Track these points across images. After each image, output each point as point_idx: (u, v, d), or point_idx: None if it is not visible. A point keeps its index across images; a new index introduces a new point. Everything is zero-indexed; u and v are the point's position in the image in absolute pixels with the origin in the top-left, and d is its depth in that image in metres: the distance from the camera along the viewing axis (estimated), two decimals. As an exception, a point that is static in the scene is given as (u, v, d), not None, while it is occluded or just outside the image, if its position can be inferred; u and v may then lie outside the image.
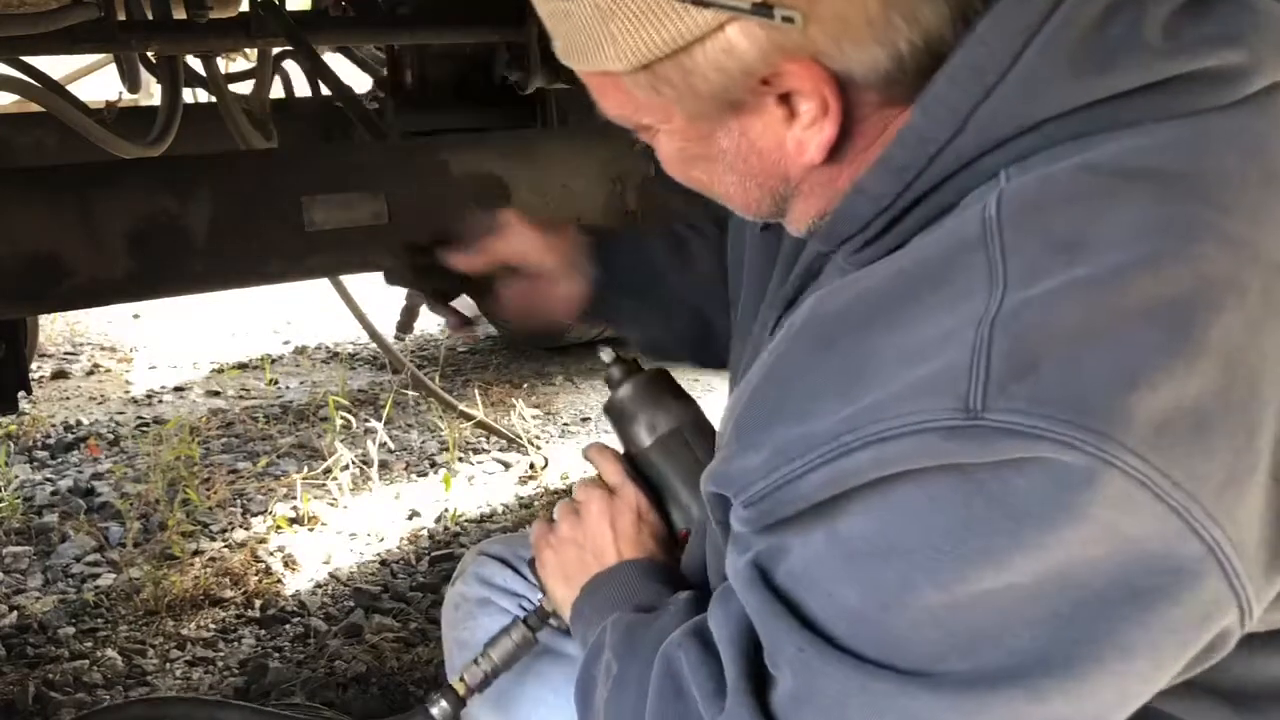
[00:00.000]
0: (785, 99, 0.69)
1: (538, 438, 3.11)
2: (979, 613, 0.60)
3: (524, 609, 1.19)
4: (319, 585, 2.34)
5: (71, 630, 2.15)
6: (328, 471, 2.79)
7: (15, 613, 2.22)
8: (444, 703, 1.07)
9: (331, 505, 2.69)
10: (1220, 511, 0.58)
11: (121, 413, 3.47)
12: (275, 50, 2.66)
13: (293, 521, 2.60)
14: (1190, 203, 0.62)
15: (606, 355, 1.13)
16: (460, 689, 1.08)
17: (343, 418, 3.14)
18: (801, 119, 0.69)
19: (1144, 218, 0.61)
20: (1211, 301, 0.59)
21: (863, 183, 0.70)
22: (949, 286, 0.63)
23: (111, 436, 3.23)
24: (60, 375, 3.87)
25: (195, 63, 2.60)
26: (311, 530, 2.58)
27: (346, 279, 2.89)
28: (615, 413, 1.12)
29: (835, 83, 0.67)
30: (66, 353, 4.14)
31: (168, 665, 2.04)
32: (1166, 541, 0.58)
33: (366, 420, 3.17)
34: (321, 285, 2.80)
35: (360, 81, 3.10)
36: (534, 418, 3.23)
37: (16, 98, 2.44)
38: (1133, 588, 0.59)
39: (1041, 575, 0.59)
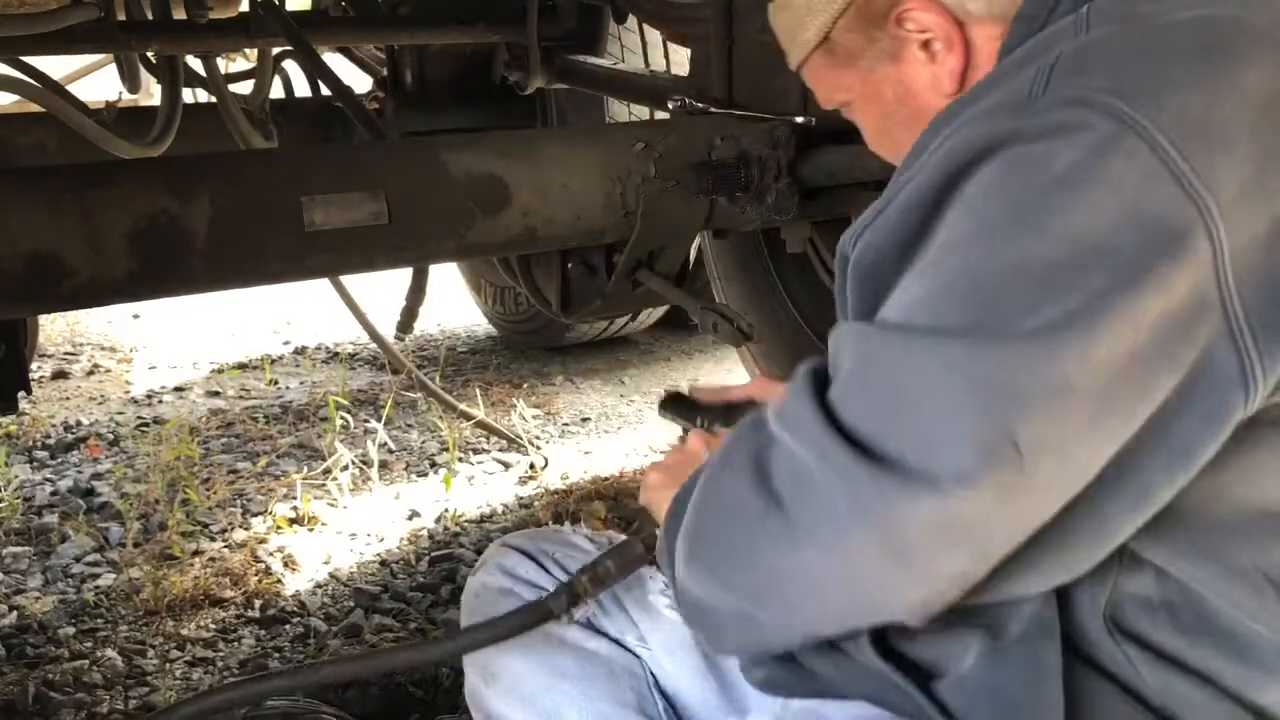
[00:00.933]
0: (926, 45, 0.91)
1: (538, 438, 3.11)
2: (1012, 276, 0.70)
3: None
4: (319, 585, 2.34)
5: (71, 630, 2.15)
6: (328, 472, 2.79)
7: (15, 613, 2.22)
8: (564, 598, 1.10)
9: (331, 505, 2.69)
10: (1230, 218, 0.67)
11: (121, 413, 3.47)
12: (275, 50, 2.66)
13: (293, 522, 2.60)
14: None
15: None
16: (581, 588, 1.10)
17: (343, 418, 3.14)
18: (938, 57, 0.91)
19: None
20: (1251, 46, 0.73)
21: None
22: (1042, 56, 0.79)
23: (111, 436, 3.23)
24: (60, 375, 3.87)
25: (195, 63, 2.60)
26: (311, 530, 2.58)
27: (346, 279, 2.89)
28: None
29: (953, 18, 0.89)
30: (66, 353, 4.14)
31: (168, 665, 2.04)
32: (1176, 219, 0.67)
33: (366, 420, 3.17)
34: (321, 285, 2.80)
35: (360, 81, 3.10)
36: (534, 418, 3.23)
37: (16, 98, 2.44)
38: (1140, 259, 0.67)
39: (1066, 236, 0.68)
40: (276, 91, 2.83)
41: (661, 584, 1.16)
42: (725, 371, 3.67)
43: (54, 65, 3.11)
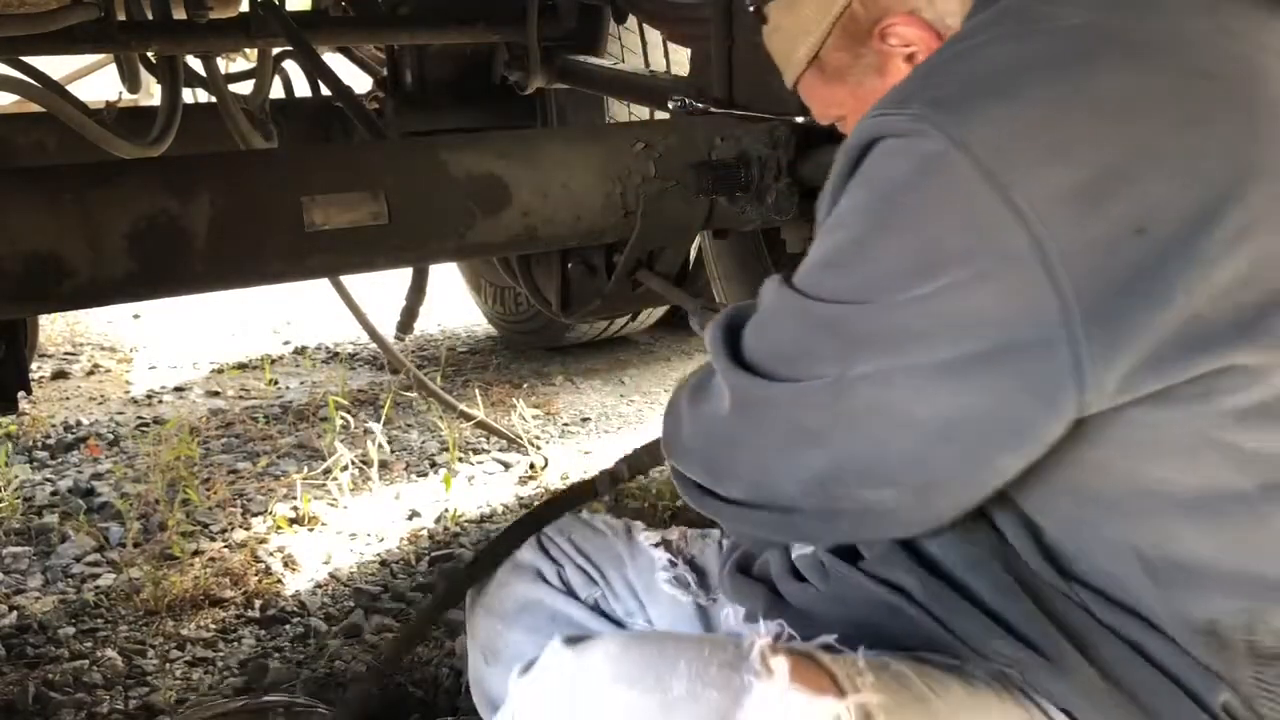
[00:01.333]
0: (909, 58, 0.97)
1: (538, 438, 3.11)
2: (856, 264, 0.83)
3: (561, 578, 1.26)
4: (319, 585, 2.34)
5: (71, 630, 2.15)
6: (328, 472, 2.79)
7: (15, 613, 2.22)
8: (607, 479, 1.40)
9: (331, 505, 2.69)
10: (1058, 223, 0.73)
11: (121, 413, 3.47)
12: (275, 50, 2.66)
13: (293, 522, 2.60)
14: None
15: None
16: (620, 473, 1.40)
17: (343, 418, 3.14)
18: (916, 60, 0.97)
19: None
20: (1115, 56, 0.78)
21: None
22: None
23: (111, 436, 3.23)
24: (60, 375, 3.87)
25: (195, 63, 2.60)
26: (311, 530, 2.58)
27: (346, 279, 2.89)
28: None
29: (934, 31, 0.95)
30: (66, 353, 4.14)
31: (168, 665, 2.04)
32: (997, 225, 0.74)
33: (366, 420, 3.17)
34: (321, 285, 2.79)
35: (360, 81, 3.10)
36: (534, 418, 3.23)
37: (16, 98, 2.44)
38: (966, 259, 0.76)
39: (905, 234, 0.79)
40: (276, 91, 2.83)
41: (666, 562, 1.22)
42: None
43: (54, 65, 3.11)
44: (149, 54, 2.54)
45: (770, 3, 1.04)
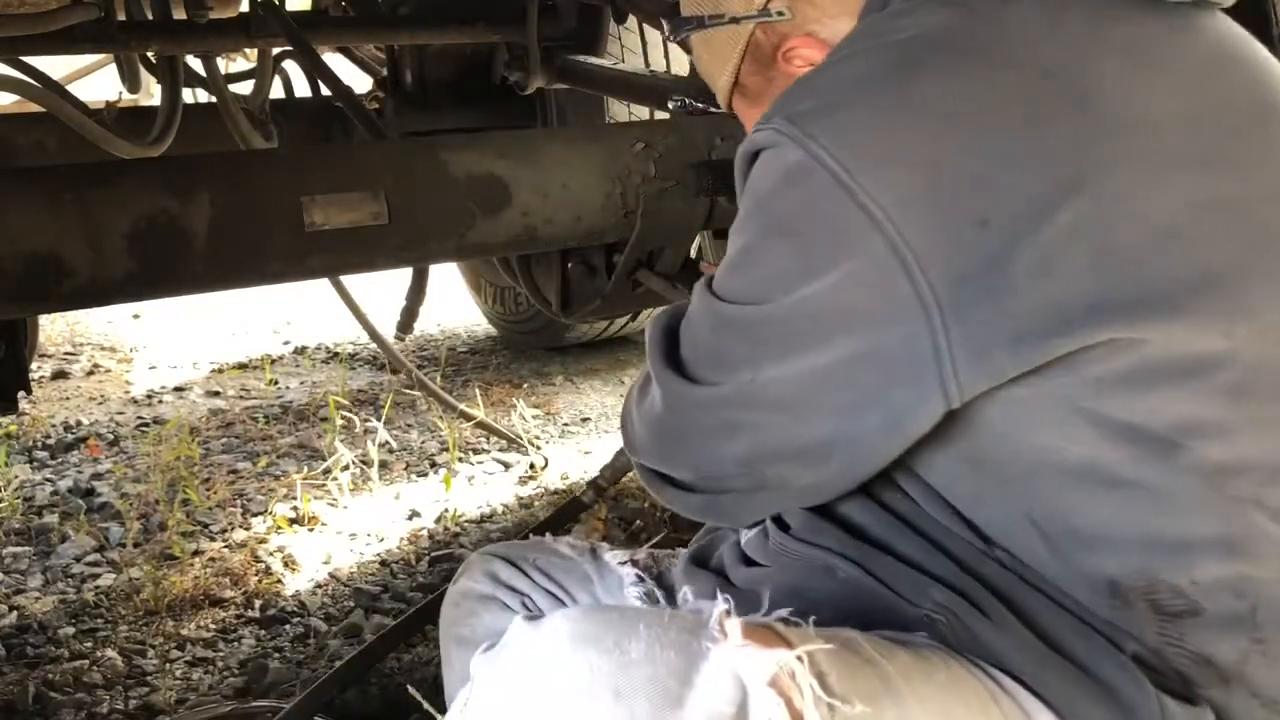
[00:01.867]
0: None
1: (538, 438, 3.11)
2: (748, 267, 0.90)
3: (526, 607, 1.22)
4: (319, 585, 2.34)
5: (71, 630, 2.15)
6: (328, 471, 2.79)
7: (15, 613, 2.22)
8: (591, 492, 1.58)
9: (331, 505, 2.69)
10: (909, 220, 0.78)
11: (121, 413, 3.47)
12: (275, 50, 2.66)
13: (293, 522, 2.60)
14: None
15: None
16: (604, 481, 1.61)
17: (343, 418, 3.14)
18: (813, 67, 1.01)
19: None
20: (948, 60, 0.84)
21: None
22: None
23: (111, 436, 3.23)
24: (60, 375, 3.87)
25: (195, 63, 2.60)
26: (311, 530, 2.58)
27: (346, 279, 2.89)
28: None
29: (829, 46, 1.00)
30: (66, 353, 4.14)
31: (168, 665, 2.04)
32: (852, 225, 0.80)
33: (366, 420, 3.17)
34: (321, 285, 2.80)
35: (360, 81, 3.10)
36: (534, 418, 3.23)
37: (16, 98, 2.44)
38: (826, 256, 0.82)
39: (774, 236, 0.87)
40: (276, 91, 2.83)
41: (634, 577, 1.22)
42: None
43: (54, 65, 3.11)
44: (149, 54, 2.54)
45: (691, 36, 1.13)
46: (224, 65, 3.01)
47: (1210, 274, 0.81)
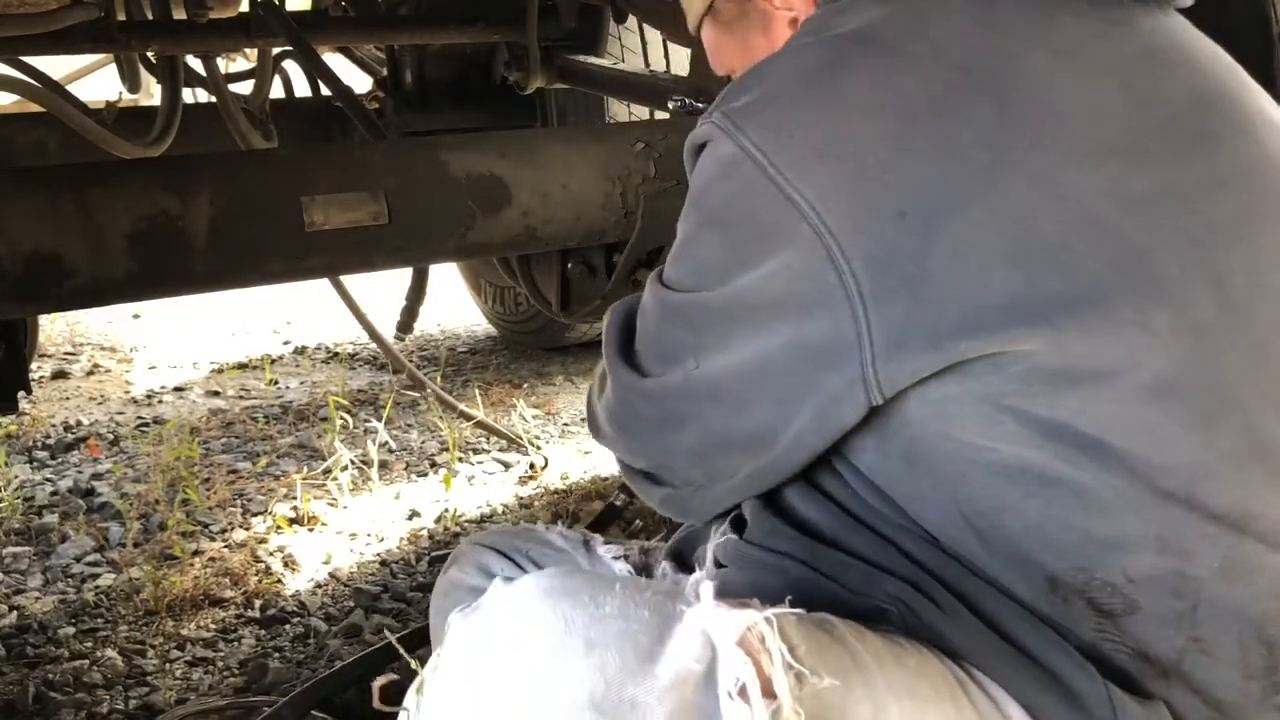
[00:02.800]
0: (793, 23, 1.03)
1: (538, 438, 3.11)
2: (687, 257, 0.93)
3: None
4: (319, 585, 2.34)
5: (71, 630, 2.15)
6: (328, 471, 2.79)
7: (15, 613, 2.22)
8: (623, 495, 1.63)
9: (331, 505, 2.69)
10: (833, 210, 0.80)
11: (121, 413, 3.47)
12: (275, 50, 2.66)
13: (293, 521, 2.60)
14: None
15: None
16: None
17: (343, 418, 3.14)
18: (797, 26, 1.01)
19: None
20: (870, 58, 0.86)
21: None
22: None
23: (111, 436, 3.23)
24: (60, 375, 3.87)
25: (195, 63, 2.60)
26: (311, 530, 2.58)
27: (346, 279, 2.89)
28: None
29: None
30: (66, 353, 4.14)
31: (168, 665, 2.04)
32: (779, 215, 0.82)
33: (366, 420, 3.17)
34: (321, 285, 2.80)
35: (360, 81, 3.10)
36: (534, 418, 3.23)
37: (16, 98, 2.44)
38: (756, 246, 0.85)
39: (711, 228, 0.90)
40: (276, 91, 2.83)
41: (628, 572, 1.23)
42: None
43: (54, 65, 3.11)
44: (149, 54, 2.54)
45: None
46: (224, 65, 3.01)
47: (1136, 266, 0.80)
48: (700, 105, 2.00)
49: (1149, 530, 0.81)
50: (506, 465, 2.95)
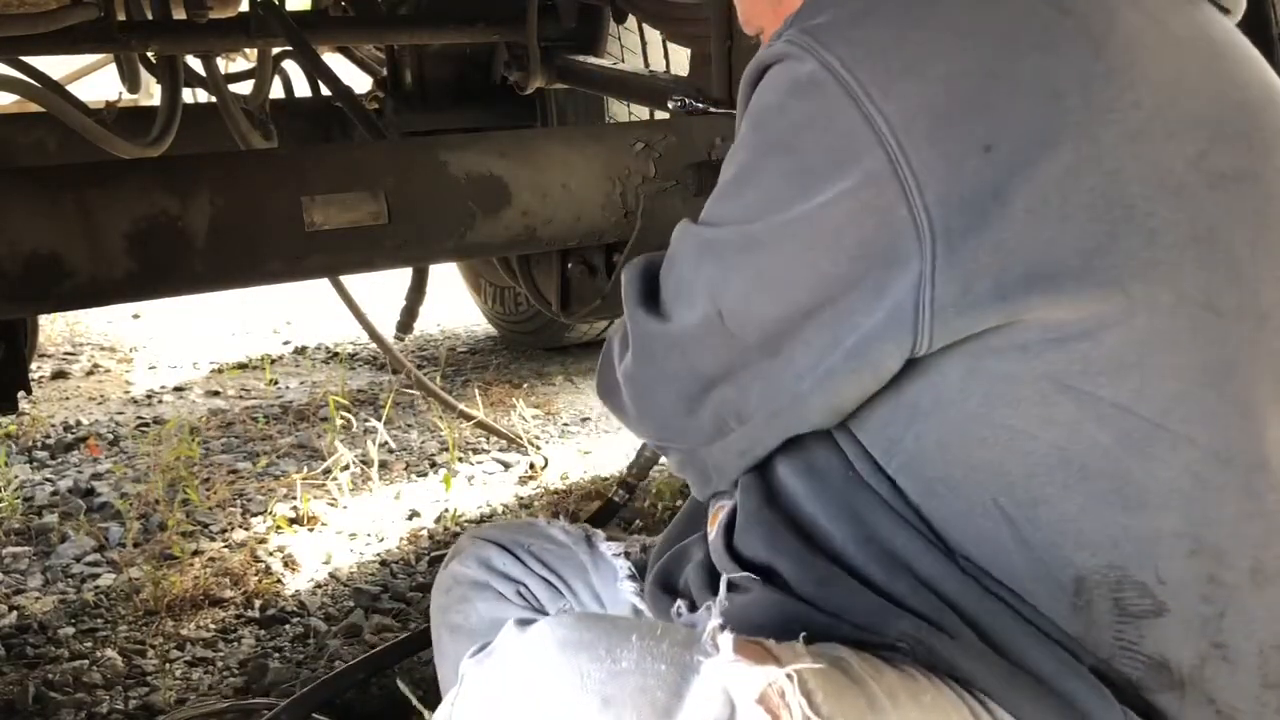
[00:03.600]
0: None
1: (538, 438, 3.11)
2: (743, 187, 0.87)
3: (522, 595, 1.22)
4: (319, 585, 2.34)
5: (71, 630, 2.15)
6: (328, 471, 2.79)
7: (15, 613, 2.22)
8: (621, 491, 1.74)
9: (331, 505, 2.69)
10: (913, 137, 0.76)
11: (121, 413, 3.47)
12: (275, 50, 2.66)
13: (293, 521, 2.60)
14: None
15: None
16: (632, 477, 1.83)
17: (343, 418, 3.14)
18: None
19: None
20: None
21: None
22: None
23: (111, 436, 3.23)
24: (60, 375, 3.87)
25: (195, 63, 2.60)
26: (311, 530, 2.58)
27: (346, 279, 2.89)
28: None
29: None
30: (66, 353, 4.14)
31: (168, 665, 2.04)
32: (856, 138, 0.78)
33: (366, 420, 3.17)
34: (321, 285, 2.80)
35: (360, 81, 3.10)
36: (534, 418, 3.23)
37: (16, 98, 2.44)
38: (826, 173, 0.80)
39: (779, 153, 0.84)
40: (276, 91, 2.83)
41: (629, 571, 1.21)
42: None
43: (54, 65, 3.11)
44: (149, 54, 2.54)
45: None
46: (224, 65, 3.02)
47: (1211, 243, 0.78)
48: (700, 105, 2.00)
49: (1187, 527, 0.79)
50: (506, 465, 2.95)
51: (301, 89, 2.88)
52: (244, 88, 2.76)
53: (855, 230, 0.79)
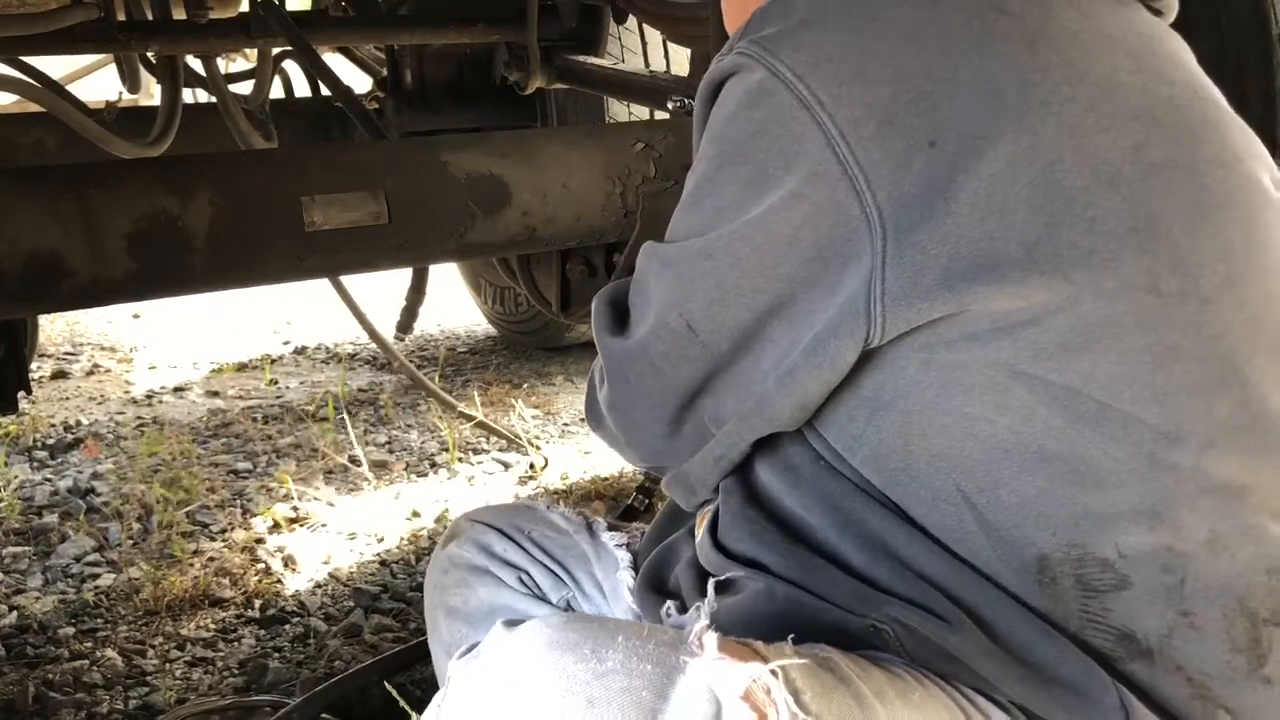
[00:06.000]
0: None
1: (538, 438, 3.11)
2: (701, 200, 0.90)
3: (524, 582, 1.22)
4: (319, 585, 2.34)
5: (71, 630, 2.15)
6: (328, 472, 2.79)
7: (15, 613, 2.22)
8: (641, 496, 1.73)
9: (331, 505, 2.69)
10: (859, 137, 0.79)
11: (121, 413, 3.47)
12: (275, 50, 2.66)
13: (292, 521, 2.60)
14: None
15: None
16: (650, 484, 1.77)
17: (342, 418, 3.14)
18: None
19: None
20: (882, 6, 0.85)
21: None
22: None
23: (111, 436, 3.23)
24: (60, 375, 3.87)
25: (195, 63, 2.60)
26: (311, 530, 2.58)
27: (346, 279, 2.89)
28: None
29: None
30: (66, 353, 4.14)
31: (167, 665, 2.04)
32: (805, 141, 0.81)
33: (366, 420, 3.17)
34: (321, 285, 2.80)
35: (360, 81, 3.10)
36: (534, 418, 3.23)
37: (16, 98, 2.44)
38: (779, 176, 0.83)
39: (733, 159, 0.86)
40: (276, 91, 2.83)
41: (630, 562, 1.22)
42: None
43: (54, 65, 3.11)
44: (149, 54, 2.54)
45: None
46: (224, 65, 3.02)
47: (1151, 230, 0.81)
48: (700, 105, 2.00)
49: (1144, 504, 0.81)
50: (506, 465, 2.95)
51: (301, 89, 2.88)
52: (244, 88, 2.76)
53: (811, 231, 0.82)
